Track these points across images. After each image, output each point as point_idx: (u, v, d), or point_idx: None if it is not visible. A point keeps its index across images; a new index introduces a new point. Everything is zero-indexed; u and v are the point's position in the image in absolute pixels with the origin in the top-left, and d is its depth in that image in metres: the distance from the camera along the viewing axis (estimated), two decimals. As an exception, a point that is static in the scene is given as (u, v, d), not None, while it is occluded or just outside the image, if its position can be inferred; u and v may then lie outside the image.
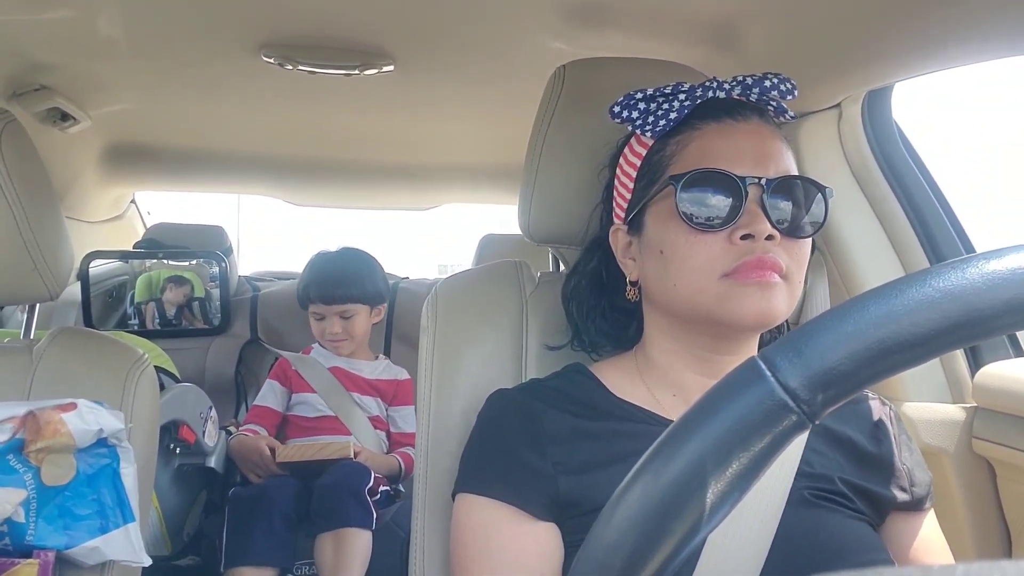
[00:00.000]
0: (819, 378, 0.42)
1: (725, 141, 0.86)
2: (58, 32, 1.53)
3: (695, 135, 0.88)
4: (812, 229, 0.86)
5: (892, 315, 0.42)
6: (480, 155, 2.62)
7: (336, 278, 2.18)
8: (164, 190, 3.06)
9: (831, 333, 0.43)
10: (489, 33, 1.54)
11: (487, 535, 0.85)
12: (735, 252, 0.82)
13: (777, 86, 0.88)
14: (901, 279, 0.44)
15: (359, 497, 1.86)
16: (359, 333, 2.18)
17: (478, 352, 1.06)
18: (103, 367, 1.16)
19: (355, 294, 2.16)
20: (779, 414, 0.43)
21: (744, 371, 0.44)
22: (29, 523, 1.00)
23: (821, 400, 0.42)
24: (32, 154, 1.17)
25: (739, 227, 0.82)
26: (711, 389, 0.45)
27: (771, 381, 0.43)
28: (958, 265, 0.43)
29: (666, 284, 0.87)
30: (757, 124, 0.87)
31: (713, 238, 0.83)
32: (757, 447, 0.43)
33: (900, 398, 1.37)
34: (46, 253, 1.15)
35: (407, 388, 2.21)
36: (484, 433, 0.92)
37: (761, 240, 0.81)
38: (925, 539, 0.91)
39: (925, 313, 0.42)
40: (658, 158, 0.90)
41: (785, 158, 0.87)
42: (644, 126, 0.90)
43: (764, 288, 0.81)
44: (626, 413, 0.90)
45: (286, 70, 1.69)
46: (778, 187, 0.83)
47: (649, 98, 0.90)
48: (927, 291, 0.42)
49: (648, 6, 1.37)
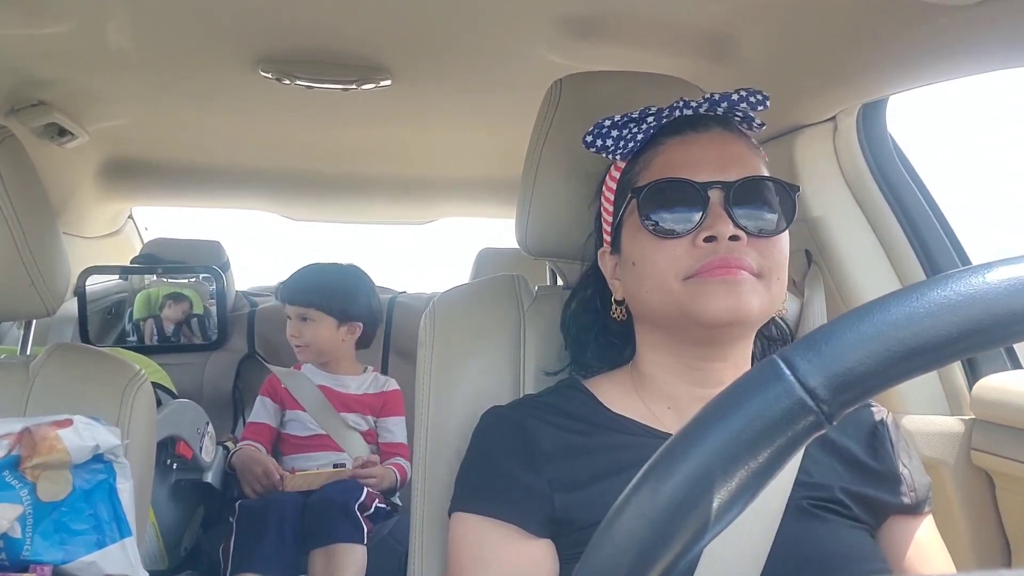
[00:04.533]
0: (839, 378, 0.42)
1: (686, 151, 0.88)
2: (56, 48, 1.54)
3: (659, 150, 0.90)
4: (782, 227, 0.87)
5: (913, 317, 0.42)
6: (477, 169, 2.63)
7: (303, 282, 2.20)
8: (162, 205, 3.06)
9: (851, 333, 0.42)
10: (486, 47, 1.55)
11: (483, 554, 0.85)
12: (698, 254, 0.83)
13: (746, 98, 0.89)
14: (922, 282, 0.43)
15: (349, 513, 1.87)
16: (319, 343, 2.16)
17: (476, 366, 1.06)
18: (100, 383, 1.16)
19: (314, 300, 2.15)
20: (797, 413, 0.42)
21: (763, 369, 0.44)
22: (25, 538, 1.00)
23: (840, 400, 0.42)
24: (29, 169, 1.17)
25: (702, 230, 0.83)
26: (729, 386, 0.45)
27: (790, 380, 0.42)
28: (979, 270, 0.42)
29: (640, 292, 0.89)
30: (719, 132, 0.89)
31: (677, 243, 0.85)
32: (773, 446, 0.42)
33: (899, 410, 1.37)
34: (43, 269, 1.15)
35: (395, 398, 2.21)
36: (479, 452, 0.92)
37: (724, 241, 0.82)
38: (924, 543, 0.91)
39: (946, 316, 0.42)
40: (627, 178, 0.93)
41: (749, 162, 0.88)
42: (616, 151, 0.93)
43: (730, 284, 0.82)
44: (621, 426, 0.90)
45: (284, 85, 1.70)
46: (741, 189, 0.84)
47: (619, 125, 0.93)
48: (948, 294, 0.42)
49: (644, 19, 1.37)
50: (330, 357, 2.20)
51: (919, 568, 0.88)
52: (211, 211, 3.14)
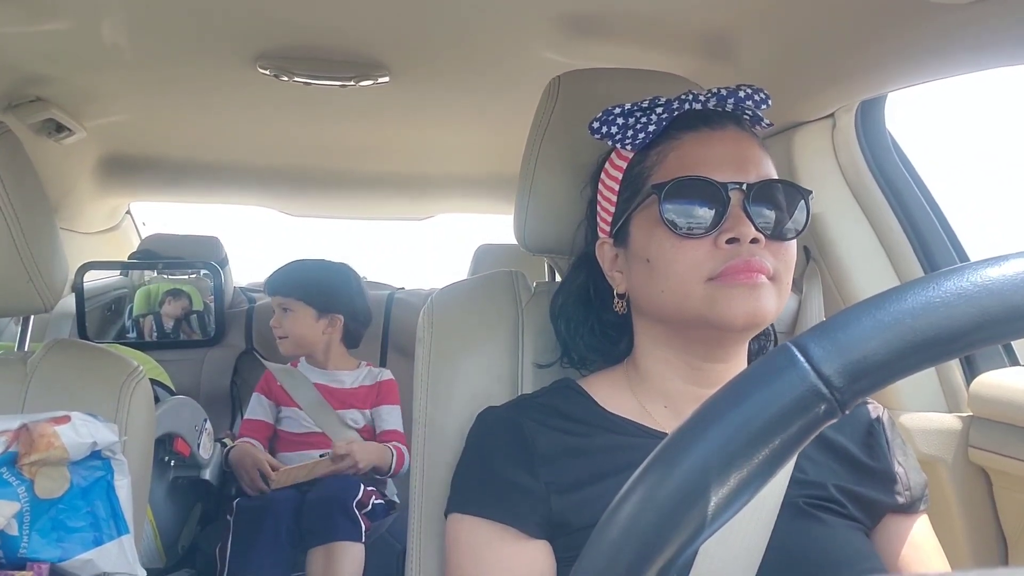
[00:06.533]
0: (853, 366, 0.41)
1: (704, 149, 0.87)
2: (54, 44, 1.54)
3: (673, 144, 0.89)
4: (795, 232, 0.87)
5: (929, 307, 0.41)
6: (475, 165, 2.63)
7: (287, 274, 2.22)
8: (159, 201, 3.06)
9: (867, 321, 0.42)
10: (484, 44, 1.55)
11: (480, 555, 0.85)
12: (721, 256, 0.83)
13: (751, 96, 0.89)
14: (939, 272, 0.43)
15: (347, 511, 1.88)
16: (297, 333, 2.17)
17: (474, 362, 1.06)
18: (98, 379, 1.16)
19: (295, 291, 2.18)
20: (811, 400, 0.41)
21: (777, 355, 0.43)
22: (23, 536, 0.99)
23: (854, 389, 0.41)
24: (27, 165, 1.17)
25: (724, 231, 0.83)
26: (743, 372, 0.44)
27: (804, 366, 0.42)
28: (997, 261, 0.42)
29: (653, 291, 0.87)
30: (734, 131, 0.89)
31: (698, 243, 0.84)
32: (786, 433, 0.42)
33: (897, 407, 1.37)
34: (41, 265, 1.15)
35: (389, 387, 2.21)
36: (475, 453, 0.92)
37: (746, 243, 0.82)
38: (919, 542, 0.91)
39: (962, 307, 0.41)
40: (639, 170, 0.91)
41: (764, 163, 0.88)
42: (623, 140, 0.92)
43: (751, 289, 0.82)
44: (617, 427, 0.90)
45: (282, 81, 1.70)
46: (759, 191, 0.84)
47: (627, 113, 0.92)
48: (965, 285, 0.42)
49: (642, 18, 1.37)
50: (310, 351, 2.20)
51: (914, 567, 0.88)
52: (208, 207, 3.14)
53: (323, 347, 2.20)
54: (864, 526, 0.88)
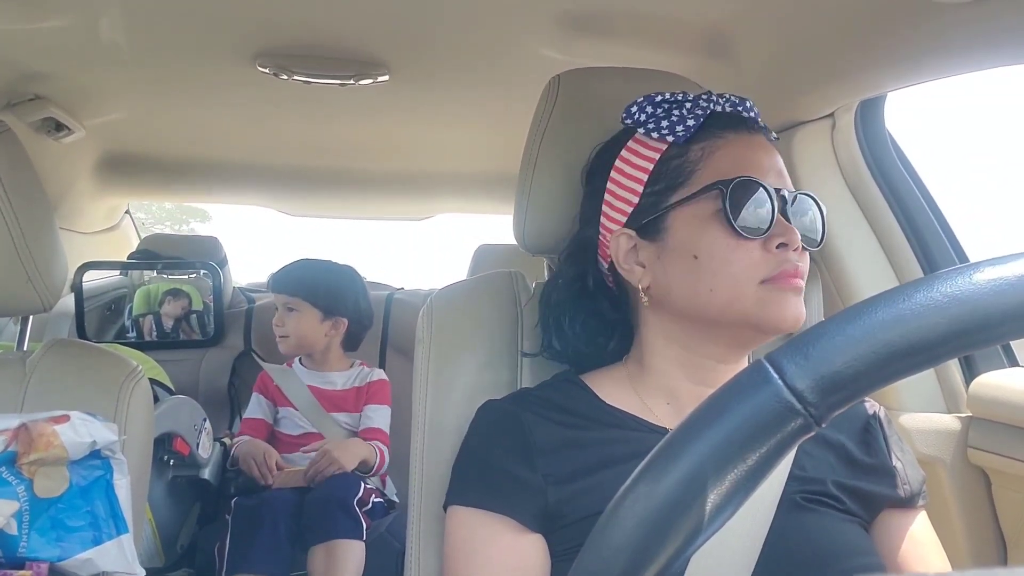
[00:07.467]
0: (826, 381, 0.42)
1: (752, 153, 0.89)
2: (53, 42, 1.54)
3: (720, 143, 0.89)
4: (818, 243, 0.90)
5: (900, 319, 0.42)
6: (475, 165, 2.63)
7: (294, 272, 2.21)
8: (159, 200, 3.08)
9: (838, 336, 0.42)
10: (484, 42, 1.55)
11: (477, 547, 0.85)
12: (774, 260, 0.84)
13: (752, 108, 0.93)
14: (909, 283, 0.43)
15: (348, 509, 1.88)
16: (300, 334, 2.16)
17: (473, 363, 1.06)
18: (97, 379, 1.15)
19: (301, 290, 2.17)
20: (786, 416, 0.42)
21: (751, 373, 0.44)
22: (22, 535, 0.99)
23: (828, 403, 0.42)
24: (26, 164, 1.17)
25: (774, 236, 0.85)
26: (718, 390, 0.45)
27: (778, 383, 0.42)
28: (966, 270, 0.42)
29: (699, 289, 0.86)
30: (762, 138, 0.91)
31: (752, 245, 0.85)
32: (763, 449, 0.42)
33: (896, 408, 1.37)
34: (40, 264, 1.15)
35: (379, 387, 2.20)
36: (474, 445, 0.92)
37: (792, 249, 0.85)
38: (917, 537, 0.91)
39: (933, 318, 0.41)
40: (679, 163, 0.89)
41: (786, 173, 0.91)
42: (659, 129, 0.90)
43: (798, 293, 0.85)
44: (616, 420, 0.90)
45: (281, 80, 1.69)
46: (798, 200, 0.88)
47: (656, 103, 0.91)
48: (935, 296, 0.42)
49: (642, 16, 1.37)
50: (310, 351, 2.20)
51: (913, 562, 0.88)
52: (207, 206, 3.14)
53: (322, 348, 2.20)
54: (863, 521, 0.89)
